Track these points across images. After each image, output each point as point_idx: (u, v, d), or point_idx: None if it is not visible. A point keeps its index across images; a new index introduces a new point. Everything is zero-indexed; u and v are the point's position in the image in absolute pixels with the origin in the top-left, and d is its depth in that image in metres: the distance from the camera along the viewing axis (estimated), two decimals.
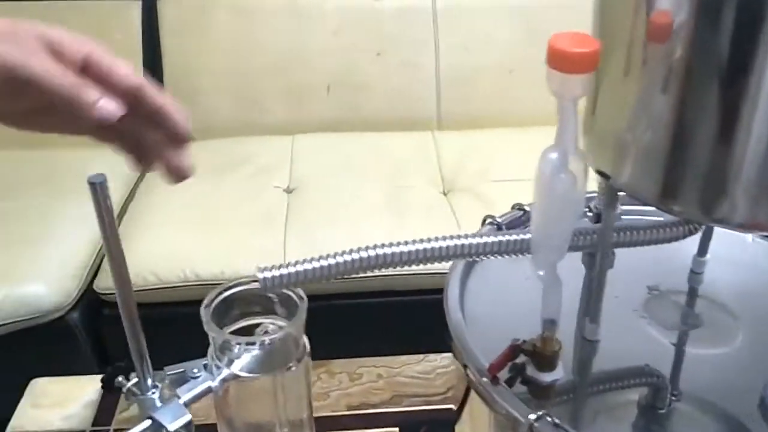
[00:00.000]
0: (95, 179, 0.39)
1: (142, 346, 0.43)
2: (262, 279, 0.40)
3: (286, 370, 0.44)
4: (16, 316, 1.34)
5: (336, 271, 0.40)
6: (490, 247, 0.41)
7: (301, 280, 0.40)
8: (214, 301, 0.47)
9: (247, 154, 1.74)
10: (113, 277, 0.41)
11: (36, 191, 1.61)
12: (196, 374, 0.46)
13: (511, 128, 1.82)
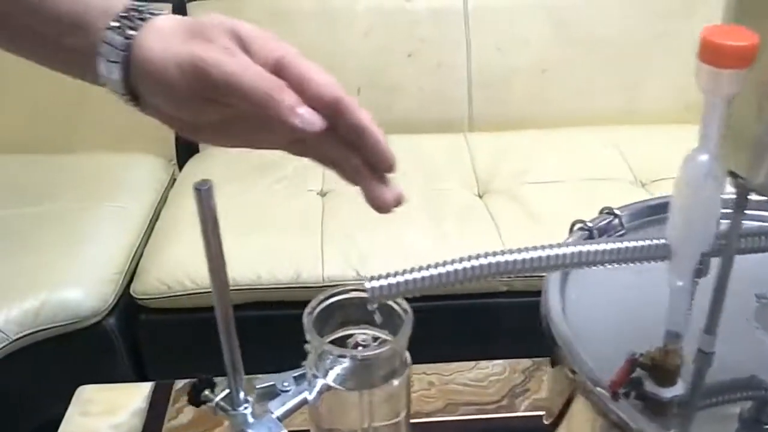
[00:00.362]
0: (201, 186, 0.37)
1: (236, 357, 0.42)
2: (370, 288, 0.37)
3: (386, 384, 0.42)
4: (55, 321, 1.33)
5: (447, 280, 0.38)
6: (622, 253, 0.39)
7: (411, 290, 0.38)
8: (316, 309, 0.45)
9: (279, 158, 1.72)
10: (213, 285, 0.39)
11: (69, 195, 1.60)
12: (287, 387, 0.44)
13: (544, 129, 1.80)
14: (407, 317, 0.43)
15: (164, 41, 0.39)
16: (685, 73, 1.84)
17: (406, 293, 0.38)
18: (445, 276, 0.38)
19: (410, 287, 0.38)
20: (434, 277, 0.38)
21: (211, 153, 1.81)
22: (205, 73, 0.37)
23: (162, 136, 1.82)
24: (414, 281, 0.38)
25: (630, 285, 0.50)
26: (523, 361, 0.90)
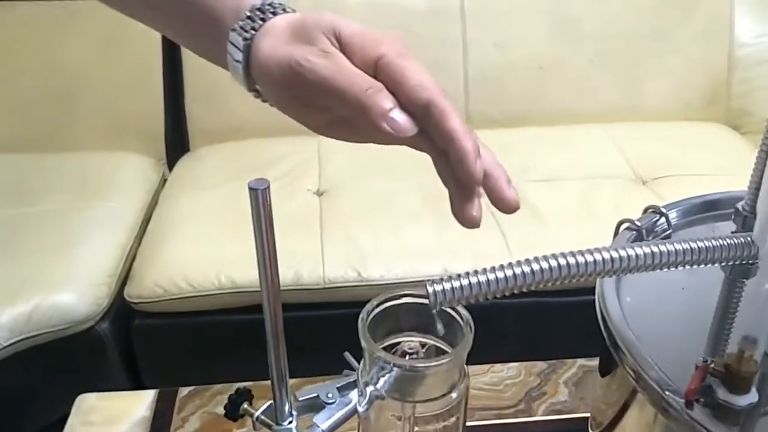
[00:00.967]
0: (257, 185, 0.34)
1: (283, 366, 0.39)
2: (432, 293, 0.35)
3: (443, 396, 0.39)
4: (47, 326, 1.29)
5: (515, 283, 0.35)
6: (711, 253, 0.37)
7: (475, 295, 0.36)
8: (371, 314, 0.42)
9: (273, 157, 1.69)
10: (263, 288, 0.36)
11: (58, 196, 1.55)
12: (331, 399, 0.41)
13: (542, 127, 1.78)
14: (468, 326, 0.40)
15: (273, 42, 0.39)
16: (684, 70, 1.84)
17: (469, 298, 0.36)
18: (512, 279, 0.35)
19: (475, 292, 0.35)
20: (500, 280, 0.35)
21: (202, 153, 1.77)
22: (300, 77, 0.37)
23: (152, 135, 1.78)
24: (479, 284, 0.35)
25: (685, 286, 0.47)
26: (539, 363, 0.88)
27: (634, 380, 0.40)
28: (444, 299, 0.35)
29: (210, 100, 1.77)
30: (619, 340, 0.41)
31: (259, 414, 0.41)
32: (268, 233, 0.35)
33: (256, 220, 0.34)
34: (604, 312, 0.42)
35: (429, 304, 0.35)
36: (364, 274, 1.34)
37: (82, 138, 1.73)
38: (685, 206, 0.53)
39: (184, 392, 0.85)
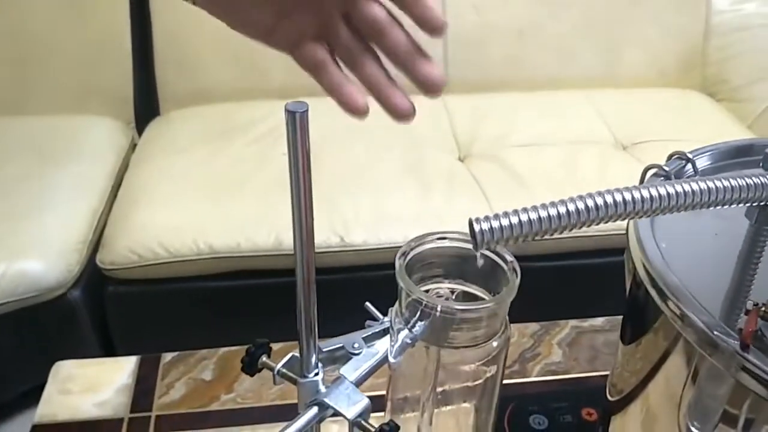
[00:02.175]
0: (296, 108, 0.30)
1: (312, 315, 0.36)
2: (479, 231, 0.32)
3: (482, 344, 0.37)
4: (15, 294, 1.23)
5: (567, 221, 0.33)
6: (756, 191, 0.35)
7: (525, 233, 0.33)
8: (408, 254, 0.39)
9: (248, 120, 1.63)
10: (296, 227, 0.33)
11: (22, 160, 1.49)
12: (357, 350, 0.38)
13: (522, 92, 1.76)
14: (513, 270, 0.38)
15: None
16: (660, 38, 1.84)
17: (518, 237, 0.33)
18: (565, 217, 0.33)
19: (525, 230, 0.33)
20: (552, 218, 0.33)
21: (173, 117, 1.71)
22: None
23: (120, 98, 1.71)
24: (529, 222, 0.33)
25: (718, 232, 0.46)
26: (531, 325, 0.87)
27: (678, 324, 0.37)
28: (491, 238, 0.33)
29: (180, 63, 1.71)
30: (662, 284, 0.38)
31: (280, 367, 0.38)
32: (305, 162, 0.31)
33: (292, 147, 0.31)
34: (644, 257, 0.40)
35: (474, 244, 0.33)
36: (347, 240, 1.31)
37: (46, 101, 1.66)
38: (712, 152, 0.51)
39: (168, 358, 0.82)
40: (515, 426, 0.67)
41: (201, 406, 0.74)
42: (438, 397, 0.41)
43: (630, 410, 0.48)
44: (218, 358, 0.80)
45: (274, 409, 0.73)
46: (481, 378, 0.39)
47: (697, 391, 0.40)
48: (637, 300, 0.45)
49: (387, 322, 0.40)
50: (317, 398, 0.36)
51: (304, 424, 0.35)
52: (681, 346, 0.40)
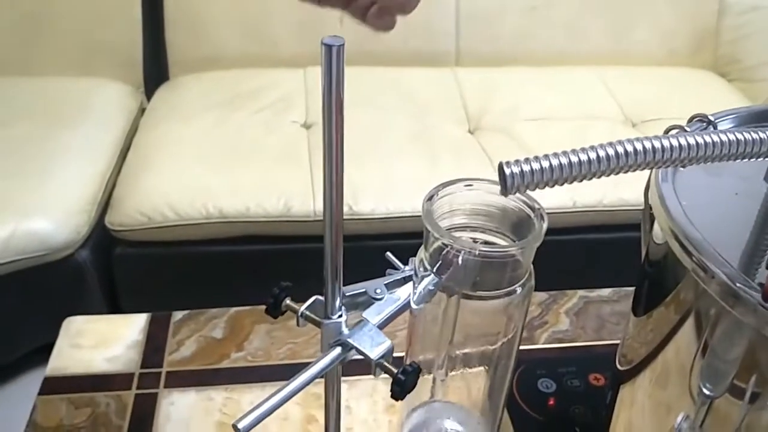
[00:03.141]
0: (332, 42, 0.30)
1: (339, 260, 0.36)
2: (509, 174, 0.32)
3: (500, 294, 0.37)
4: (24, 253, 1.24)
5: (597, 167, 0.33)
6: None
7: (555, 178, 0.33)
8: (434, 198, 0.39)
9: (257, 87, 1.63)
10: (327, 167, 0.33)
11: (32, 121, 1.48)
12: (380, 295, 0.39)
13: (532, 67, 1.75)
14: (540, 216, 0.38)
15: None
16: (673, 16, 1.83)
17: (548, 182, 0.33)
18: (595, 162, 0.33)
19: (557, 175, 0.33)
20: (583, 163, 0.33)
21: (182, 82, 1.71)
22: None
23: (129, 62, 1.71)
24: (560, 167, 0.33)
25: (739, 192, 0.46)
26: (539, 294, 0.87)
27: (701, 276, 0.38)
28: (521, 182, 0.33)
29: (190, 27, 1.70)
30: (685, 238, 0.39)
31: (303, 310, 0.38)
32: (338, 102, 0.31)
33: (326, 81, 0.31)
34: (666, 213, 0.40)
35: (503, 188, 0.33)
36: (356, 208, 1.32)
37: (55, 62, 1.65)
38: (734, 116, 0.51)
39: (178, 316, 0.82)
40: (523, 389, 0.68)
41: (211, 363, 0.74)
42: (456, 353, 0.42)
43: (639, 379, 0.49)
44: (229, 317, 0.80)
45: (283, 368, 0.74)
46: (501, 329, 0.40)
47: (712, 351, 0.41)
48: (654, 262, 0.45)
49: (408, 271, 0.41)
50: (341, 339, 0.36)
51: (328, 363, 0.36)
52: (700, 303, 0.41)
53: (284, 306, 0.39)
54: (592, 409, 0.63)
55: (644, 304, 0.48)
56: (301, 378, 0.35)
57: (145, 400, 0.69)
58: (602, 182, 1.43)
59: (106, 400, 0.69)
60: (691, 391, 0.43)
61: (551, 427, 0.62)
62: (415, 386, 0.34)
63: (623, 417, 0.51)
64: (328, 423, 0.42)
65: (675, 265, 0.41)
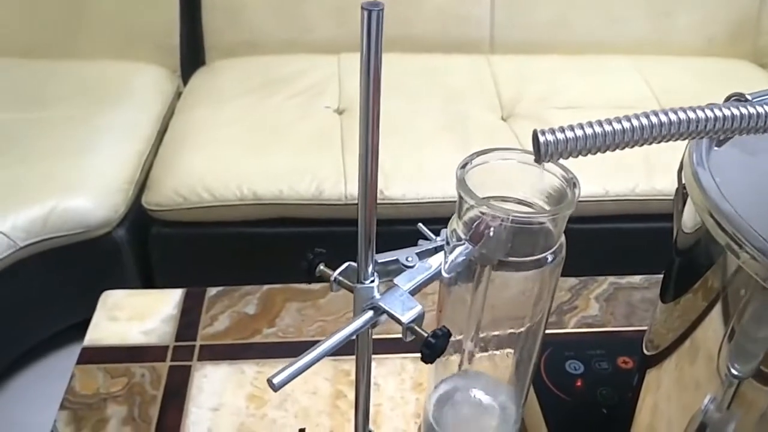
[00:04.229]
0: (371, 6, 0.30)
1: (373, 227, 0.37)
2: (543, 142, 0.32)
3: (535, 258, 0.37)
4: (63, 230, 1.27)
5: (631, 137, 0.33)
6: None
7: (590, 147, 0.33)
8: (468, 166, 0.39)
9: (291, 73, 1.64)
10: (362, 131, 0.33)
11: (71, 102, 1.52)
12: (410, 263, 0.39)
13: (568, 55, 1.74)
14: (572, 184, 0.38)
15: None
16: (713, 6, 1.80)
17: (581, 151, 0.33)
18: (629, 132, 0.33)
19: (588, 144, 0.33)
20: (617, 132, 0.33)
21: (218, 66, 1.73)
22: None
23: (166, 46, 1.73)
24: (594, 136, 0.33)
25: None
26: (570, 279, 0.87)
27: (735, 249, 0.38)
28: (555, 150, 0.33)
29: (227, 12, 1.72)
30: (718, 213, 0.38)
31: (336, 275, 0.39)
32: (376, 66, 0.32)
33: (365, 46, 0.31)
34: (700, 187, 0.40)
35: (537, 156, 0.33)
36: (387, 193, 1.32)
37: (93, 46, 1.68)
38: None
39: (213, 292, 0.84)
40: (551, 370, 0.67)
41: (243, 338, 0.76)
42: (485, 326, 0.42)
43: (666, 363, 0.49)
44: (261, 294, 0.82)
45: (313, 344, 0.75)
46: (531, 300, 0.40)
47: (742, 330, 0.41)
48: (684, 245, 0.45)
49: (440, 242, 0.41)
50: (372, 302, 0.37)
51: (360, 325, 0.36)
52: (732, 281, 0.40)
53: (318, 271, 0.40)
54: (620, 392, 0.63)
55: (673, 287, 0.48)
56: (334, 338, 0.35)
57: (178, 371, 0.71)
58: (635, 171, 1.43)
59: (141, 370, 0.70)
60: (719, 373, 0.43)
61: (578, 408, 0.62)
62: (444, 350, 0.35)
63: (648, 401, 0.51)
64: (359, 390, 0.43)
65: (707, 243, 0.41)
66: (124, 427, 0.67)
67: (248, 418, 0.66)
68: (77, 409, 0.68)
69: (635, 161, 1.38)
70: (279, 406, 0.68)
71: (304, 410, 0.53)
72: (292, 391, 0.69)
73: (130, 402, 0.67)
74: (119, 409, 0.67)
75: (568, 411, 0.62)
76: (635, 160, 1.39)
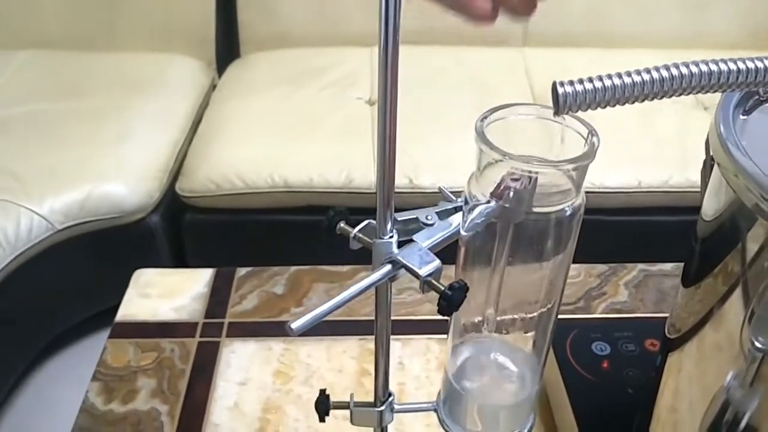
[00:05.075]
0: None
1: (392, 182, 0.37)
2: (562, 94, 0.32)
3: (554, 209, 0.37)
4: (99, 214, 1.30)
5: (650, 89, 0.33)
6: None
7: (608, 99, 0.33)
8: (488, 118, 0.40)
9: (324, 65, 1.66)
10: (381, 91, 0.34)
11: (110, 93, 1.55)
12: (430, 221, 0.40)
13: (602, 49, 1.72)
14: (591, 134, 0.38)
15: None
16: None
17: (601, 102, 0.33)
18: (649, 84, 0.33)
19: (608, 96, 0.33)
20: (636, 84, 0.33)
21: (253, 59, 1.75)
22: None
23: (202, 39, 1.76)
24: (613, 88, 0.33)
25: None
26: (599, 266, 0.86)
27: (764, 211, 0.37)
28: (573, 101, 0.33)
29: (262, 6, 1.74)
30: (744, 175, 0.38)
31: (356, 232, 0.39)
32: (394, 33, 0.32)
33: (383, 22, 0.31)
34: (727, 150, 0.40)
35: (555, 107, 0.33)
36: (416, 182, 1.33)
37: (131, 39, 1.72)
38: None
39: (242, 272, 0.85)
40: (577, 351, 0.67)
41: (271, 316, 0.76)
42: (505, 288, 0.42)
43: (688, 346, 0.48)
44: (290, 275, 0.83)
45: (340, 323, 0.76)
46: (550, 254, 0.40)
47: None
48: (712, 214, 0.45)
49: (461, 202, 0.41)
50: (391, 256, 0.37)
51: (378, 278, 0.37)
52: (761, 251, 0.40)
53: (339, 229, 0.41)
54: (647, 373, 0.62)
55: (697, 266, 0.48)
56: (352, 289, 0.36)
57: (207, 347, 0.72)
58: (669, 163, 1.39)
59: (171, 345, 0.72)
60: (742, 348, 0.43)
61: (604, 388, 0.62)
62: (462, 303, 0.35)
63: (670, 383, 0.51)
64: (378, 349, 0.44)
65: (734, 212, 0.41)
66: (153, 399, 0.68)
67: (274, 393, 0.67)
68: (108, 380, 0.70)
69: (670, 152, 1.37)
70: (305, 382, 0.69)
71: (329, 386, 0.54)
72: (318, 368, 0.70)
73: (159, 375, 0.69)
74: (149, 381, 0.68)
75: (594, 391, 0.61)
76: (670, 151, 1.37)
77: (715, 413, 0.45)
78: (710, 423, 0.45)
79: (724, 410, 0.45)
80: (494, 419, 0.47)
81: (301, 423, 0.64)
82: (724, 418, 0.45)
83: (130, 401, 0.67)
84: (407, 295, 0.81)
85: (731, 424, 0.44)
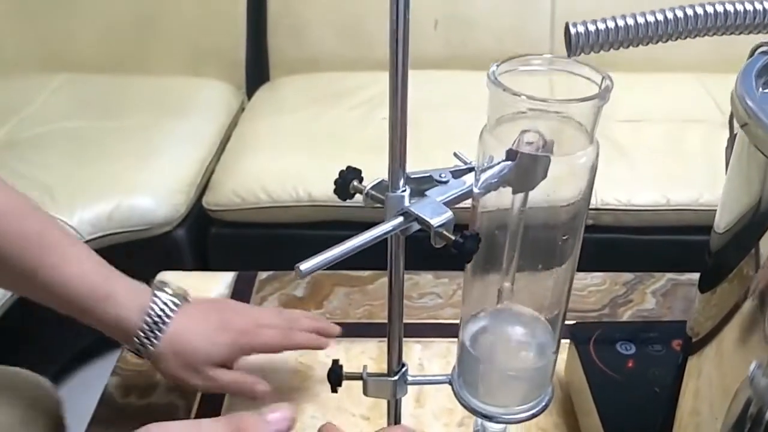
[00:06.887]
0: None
1: (404, 138, 0.37)
2: (574, 34, 0.32)
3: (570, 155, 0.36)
4: (126, 226, 1.32)
5: (664, 30, 0.33)
6: None
7: (621, 39, 0.33)
8: (498, 73, 0.39)
9: (352, 86, 1.68)
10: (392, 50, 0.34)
11: (143, 113, 1.59)
12: (444, 178, 0.39)
13: (630, 73, 1.71)
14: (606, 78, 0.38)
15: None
16: None
17: (613, 43, 0.33)
18: (663, 24, 0.33)
19: (620, 36, 0.33)
20: (650, 24, 0.33)
21: (282, 83, 1.78)
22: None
23: (232, 63, 1.80)
24: (626, 28, 0.33)
25: None
26: (625, 274, 0.85)
27: None
28: (586, 42, 0.33)
29: (292, 31, 1.77)
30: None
31: (369, 189, 0.39)
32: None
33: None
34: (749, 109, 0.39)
35: (568, 48, 0.33)
36: None
37: (164, 62, 1.76)
38: None
39: (264, 275, 0.85)
40: (601, 350, 0.65)
41: None
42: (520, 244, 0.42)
43: (707, 349, 0.47)
44: (311, 279, 0.83)
45: (359, 326, 0.75)
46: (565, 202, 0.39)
47: None
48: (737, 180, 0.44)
49: (475, 164, 0.41)
50: (403, 208, 0.37)
51: (389, 228, 0.37)
52: None
53: (352, 188, 0.40)
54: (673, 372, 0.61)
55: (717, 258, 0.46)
56: (363, 236, 0.36)
57: None
58: (699, 180, 1.37)
59: None
60: (765, 335, 0.41)
61: (629, 386, 0.60)
62: (474, 252, 0.34)
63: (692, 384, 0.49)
64: (392, 308, 0.43)
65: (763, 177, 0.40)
66: (170, 394, 0.68)
67: (292, 391, 0.66)
68: (127, 376, 0.70)
69: (699, 171, 1.35)
70: (323, 380, 0.68)
71: (348, 386, 0.53)
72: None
73: None
74: None
75: (618, 389, 0.60)
76: (699, 169, 1.35)
77: (737, 414, 0.43)
78: (732, 423, 0.43)
79: (745, 410, 0.43)
80: (509, 390, 0.46)
81: (319, 420, 0.64)
82: (748, 413, 0.43)
83: (148, 396, 0.67)
84: (428, 299, 0.80)
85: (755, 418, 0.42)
